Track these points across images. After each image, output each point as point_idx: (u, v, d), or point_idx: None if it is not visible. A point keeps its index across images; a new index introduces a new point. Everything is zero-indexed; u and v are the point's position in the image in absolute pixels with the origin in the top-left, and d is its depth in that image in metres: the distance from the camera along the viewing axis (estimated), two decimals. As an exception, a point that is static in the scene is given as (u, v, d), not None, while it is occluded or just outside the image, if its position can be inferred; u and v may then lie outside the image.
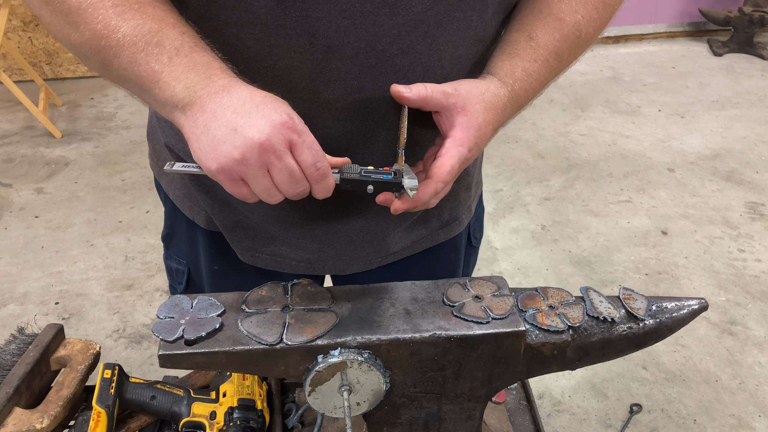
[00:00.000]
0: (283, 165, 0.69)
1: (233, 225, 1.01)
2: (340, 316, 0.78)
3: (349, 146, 0.85)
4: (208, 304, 0.78)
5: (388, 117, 0.84)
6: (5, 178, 3.36)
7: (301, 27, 0.74)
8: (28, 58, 4.25)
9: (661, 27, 5.20)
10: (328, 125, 0.83)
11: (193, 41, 0.72)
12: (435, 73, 0.82)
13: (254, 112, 0.68)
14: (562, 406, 2.15)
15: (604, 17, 0.87)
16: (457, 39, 0.81)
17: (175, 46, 0.69)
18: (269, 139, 0.67)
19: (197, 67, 0.70)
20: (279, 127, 0.68)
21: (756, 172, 3.48)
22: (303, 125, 0.71)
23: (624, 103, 4.23)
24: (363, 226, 0.97)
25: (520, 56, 0.84)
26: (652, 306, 0.86)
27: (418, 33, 0.78)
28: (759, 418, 2.11)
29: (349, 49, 0.76)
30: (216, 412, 0.95)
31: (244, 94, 0.69)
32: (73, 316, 2.48)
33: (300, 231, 0.98)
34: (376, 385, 0.77)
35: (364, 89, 0.80)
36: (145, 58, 0.69)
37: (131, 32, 0.69)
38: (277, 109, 0.69)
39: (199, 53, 0.71)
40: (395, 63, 0.79)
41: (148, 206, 3.13)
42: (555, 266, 2.77)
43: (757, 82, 4.53)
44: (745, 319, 2.50)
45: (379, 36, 0.76)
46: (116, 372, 0.95)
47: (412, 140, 0.84)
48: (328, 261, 1.02)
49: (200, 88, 0.69)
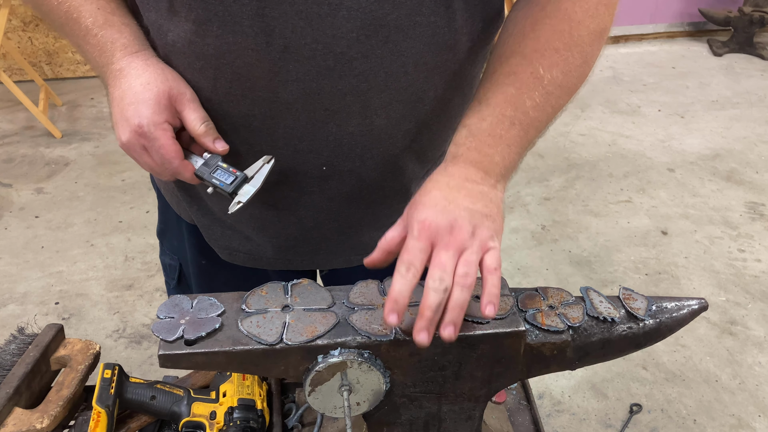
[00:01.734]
0: (143, 161, 0.81)
1: (210, 223, 1.02)
2: (340, 315, 0.78)
3: (312, 147, 0.85)
4: (208, 304, 0.78)
5: (350, 121, 0.83)
6: (5, 178, 3.36)
7: (258, 25, 0.74)
8: (28, 58, 4.25)
9: (661, 27, 5.20)
10: (289, 125, 0.83)
11: (104, 17, 0.79)
12: (399, 80, 0.81)
13: (123, 113, 0.78)
14: (562, 406, 2.15)
15: (570, 59, 0.81)
16: (421, 45, 0.79)
17: (87, 25, 0.79)
18: (127, 144, 0.80)
19: (103, 49, 0.79)
20: (133, 134, 0.78)
21: (756, 172, 3.48)
22: (154, 130, 0.77)
23: (624, 103, 4.23)
24: (335, 227, 0.98)
25: (466, 123, 0.80)
26: (652, 306, 0.86)
27: (379, 37, 0.76)
28: (759, 418, 2.11)
29: (305, 50, 0.76)
30: (216, 412, 0.95)
31: (124, 87, 0.78)
32: (73, 316, 2.49)
33: (273, 229, 0.98)
34: (376, 385, 0.77)
35: (323, 91, 0.80)
36: (69, 30, 0.81)
37: (57, 5, 0.79)
38: (137, 114, 0.77)
39: (107, 30, 0.79)
40: (355, 67, 0.78)
41: (148, 206, 3.13)
42: (555, 266, 2.77)
43: (757, 82, 4.54)
44: (745, 319, 2.50)
45: (337, 38, 0.75)
46: (116, 372, 0.95)
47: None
48: (305, 256, 1.02)
49: (105, 72, 0.81)
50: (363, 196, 0.94)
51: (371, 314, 0.78)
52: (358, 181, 0.91)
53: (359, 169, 0.89)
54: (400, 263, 0.70)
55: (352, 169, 0.89)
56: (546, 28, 0.80)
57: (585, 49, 0.81)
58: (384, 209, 0.98)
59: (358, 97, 0.81)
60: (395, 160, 0.91)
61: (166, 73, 0.79)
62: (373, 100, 0.82)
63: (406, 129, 0.88)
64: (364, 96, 0.81)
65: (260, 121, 0.83)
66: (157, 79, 0.78)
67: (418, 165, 0.96)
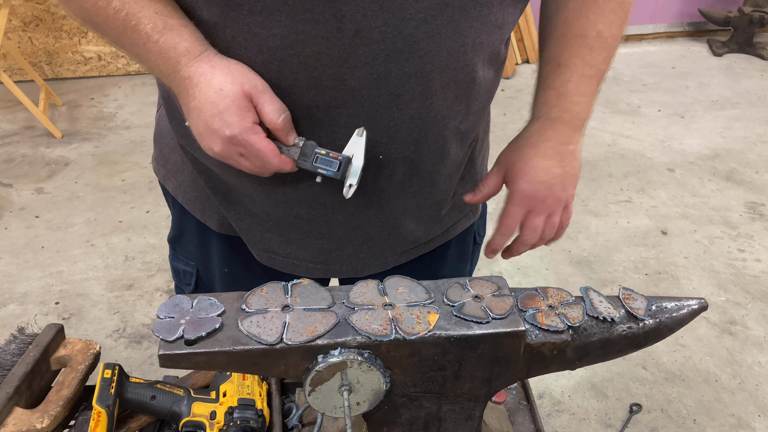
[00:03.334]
0: (241, 165, 0.82)
1: (249, 227, 1.01)
2: (340, 315, 0.78)
3: (372, 135, 0.84)
4: (208, 304, 0.78)
5: (411, 104, 0.84)
6: (5, 178, 3.36)
7: (329, 12, 0.74)
8: (28, 58, 4.25)
9: (660, 27, 5.20)
10: (352, 114, 0.83)
11: (164, 21, 0.76)
12: (458, 60, 0.83)
13: (210, 125, 0.77)
14: (562, 406, 2.15)
15: (622, 16, 0.94)
16: (479, 24, 0.82)
17: (147, 32, 0.76)
18: (222, 154, 0.80)
19: (167, 56, 0.77)
20: (227, 144, 0.78)
21: (756, 172, 3.48)
22: (247, 137, 0.77)
23: (624, 103, 4.23)
24: (381, 220, 0.98)
25: (552, 85, 0.94)
26: (651, 306, 0.86)
27: (444, 17, 0.78)
28: (759, 417, 2.11)
29: (376, 34, 0.76)
30: (216, 412, 0.95)
31: (200, 98, 0.77)
32: (73, 316, 2.49)
33: (318, 230, 0.97)
34: (376, 385, 0.77)
35: (390, 75, 0.80)
36: (127, 39, 0.78)
37: (113, 15, 0.76)
38: (225, 125, 0.77)
39: (168, 34, 0.76)
40: (420, 48, 0.79)
41: (148, 206, 3.13)
42: (555, 266, 2.77)
43: (756, 82, 4.54)
44: (744, 319, 2.50)
45: (406, 20, 0.76)
46: (116, 372, 0.95)
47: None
48: (344, 261, 1.02)
49: (172, 80, 0.79)
50: (411, 185, 0.95)
51: (371, 314, 0.78)
52: (410, 168, 0.92)
53: (413, 155, 0.90)
54: (502, 225, 0.98)
55: (407, 156, 0.90)
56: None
57: (630, 4, 0.94)
58: (426, 198, 0.99)
59: (422, 78, 0.82)
60: (444, 143, 0.92)
61: (233, 71, 0.77)
62: (435, 81, 0.83)
63: (457, 110, 0.90)
64: (427, 77, 0.82)
65: (323, 112, 0.83)
66: (228, 81, 0.76)
67: (460, 148, 0.98)
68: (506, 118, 3.95)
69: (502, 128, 3.75)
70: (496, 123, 3.64)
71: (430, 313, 0.78)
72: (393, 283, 0.84)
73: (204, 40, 0.79)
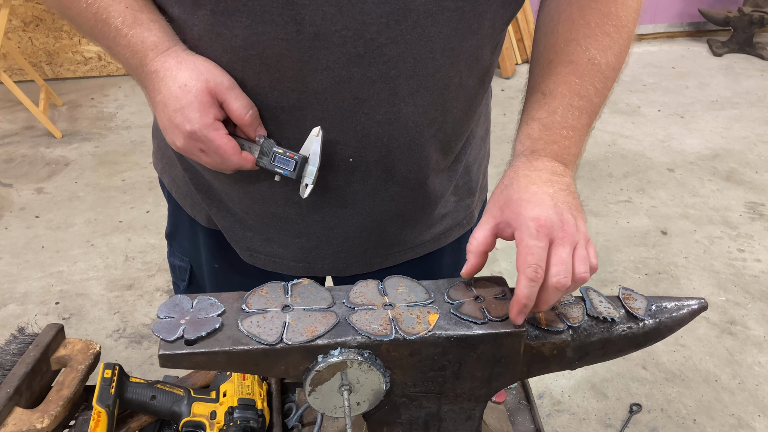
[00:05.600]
0: (203, 160, 0.83)
1: (231, 225, 1.02)
2: (340, 315, 0.78)
3: (340, 138, 0.84)
4: (208, 304, 0.78)
5: (378, 109, 0.83)
6: (5, 178, 3.36)
7: (288, 14, 0.74)
8: (28, 58, 4.25)
9: (660, 27, 5.20)
10: (317, 116, 0.83)
11: (134, 16, 0.78)
12: (426, 66, 0.81)
13: (172, 120, 0.79)
14: (562, 406, 2.15)
15: (620, 42, 0.86)
16: (448, 30, 0.79)
17: (117, 25, 0.78)
18: (183, 149, 0.82)
19: (135, 49, 0.79)
20: (187, 140, 0.80)
21: (756, 172, 3.48)
22: (207, 133, 0.78)
23: (624, 103, 4.24)
24: (359, 221, 0.97)
25: (536, 116, 0.84)
26: (651, 306, 0.86)
27: (408, 22, 0.76)
28: (759, 417, 2.11)
29: (336, 37, 0.76)
30: (216, 412, 0.95)
31: (164, 92, 0.78)
32: (73, 316, 2.49)
33: (295, 228, 0.97)
34: (376, 384, 0.77)
35: (352, 79, 0.79)
36: (98, 32, 0.80)
37: (86, 8, 0.78)
38: (186, 120, 0.78)
39: (137, 29, 0.78)
40: (384, 53, 0.78)
41: (148, 206, 3.13)
42: (555, 266, 2.77)
43: (756, 82, 4.54)
44: (744, 319, 2.50)
45: (367, 24, 0.75)
46: (116, 372, 0.95)
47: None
48: (326, 260, 1.02)
49: (139, 74, 0.81)
50: (387, 189, 0.94)
51: (371, 314, 0.78)
52: (384, 172, 0.91)
53: (385, 160, 0.89)
54: (526, 266, 0.71)
55: (379, 160, 0.89)
56: (594, 12, 0.83)
57: (630, 29, 0.86)
58: (407, 203, 0.98)
59: (387, 84, 0.81)
60: (421, 150, 0.91)
61: (199, 67, 0.78)
62: (402, 87, 0.82)
63: (432, 117, 0.88)
64: (393, 83, 0.81)
65: (288, 113, 0.83)
66: (193, 78, 0.77)
67: (442, 156, 0.96)
68: (506, 118, 3.95)
69: (502, 128, 3.75)
70: (496, 123, 3.64)
71: (430, 313, 0.78)
72: (393, 283, 0.84)
73: (174, 35, 0.80)
